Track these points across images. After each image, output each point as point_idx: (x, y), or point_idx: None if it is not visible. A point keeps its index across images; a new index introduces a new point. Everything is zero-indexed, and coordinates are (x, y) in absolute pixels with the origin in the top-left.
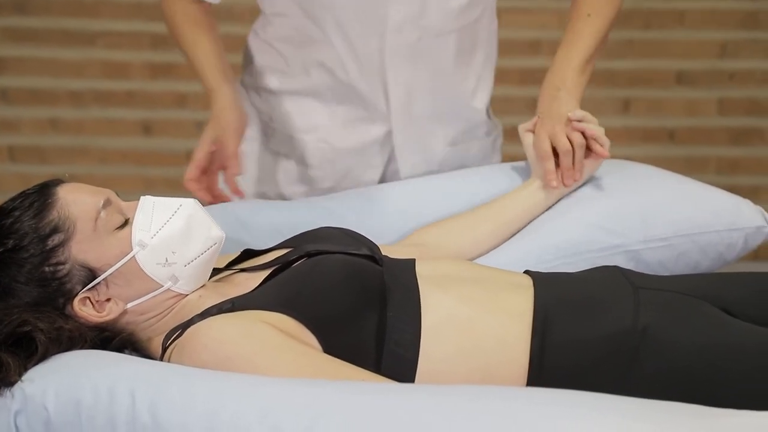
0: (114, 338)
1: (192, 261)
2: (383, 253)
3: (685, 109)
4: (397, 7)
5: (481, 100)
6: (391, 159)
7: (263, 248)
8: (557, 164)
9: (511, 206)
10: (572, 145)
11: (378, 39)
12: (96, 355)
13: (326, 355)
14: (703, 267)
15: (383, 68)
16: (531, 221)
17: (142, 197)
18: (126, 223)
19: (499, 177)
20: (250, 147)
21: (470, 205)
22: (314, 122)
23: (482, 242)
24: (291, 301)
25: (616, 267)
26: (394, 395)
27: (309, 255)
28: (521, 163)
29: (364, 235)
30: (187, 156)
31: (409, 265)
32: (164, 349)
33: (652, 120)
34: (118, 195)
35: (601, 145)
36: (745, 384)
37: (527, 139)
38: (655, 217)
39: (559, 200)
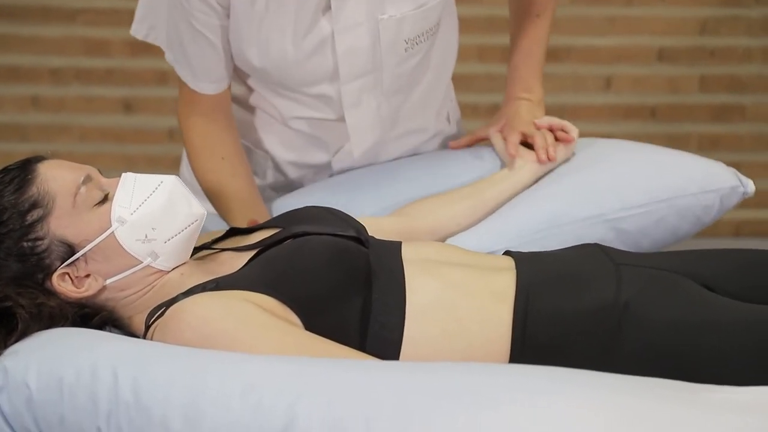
0: (94, 316)
1: (172, 238)
2: (371, 225)
3: (667, 86)
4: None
5: (441, 114)
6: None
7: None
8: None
9: (488, 186)
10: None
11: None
12: (78, 332)
13: (310, 333)
14: (683, 232)
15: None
16: (509, 200)
17: (123, 174)
18: (106, 199)
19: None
20: None
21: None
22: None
23: (460, 216)
24: (275, 281)
25: (596, 244)
26: (377, 372)
27: (295, 236)
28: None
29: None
30: (169, 133)
31: (395, 247)
32: (147, 327)
33: (633, 97)
34: (100, 173)
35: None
36: (727, 360)
37: (499, 143)
38: (629, 186)
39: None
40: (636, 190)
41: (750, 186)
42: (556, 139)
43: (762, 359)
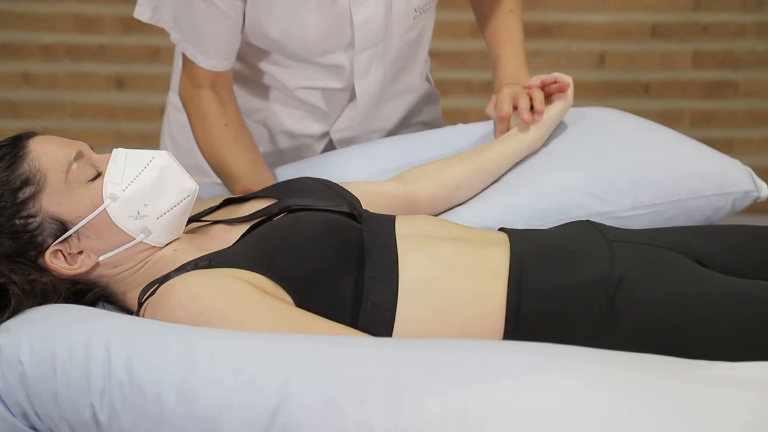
0: (87, 292)
1: (165, 213)
2: (369, 189)
3: (660, 63)
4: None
5: (422, 74)
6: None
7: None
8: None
9: (488, 148)
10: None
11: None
12: (71, 309)
13: (301, 310)
14: None
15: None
16: (511, 165)
17: (114, 150)
18: (98, 175)
19: None
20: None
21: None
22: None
23: (459, 178)
24: (267, 259)
25: (588, 221)
26: (370, 349)
27: (289, 210)
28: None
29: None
30: (161, 110)
31: (389, 222)
32: (140, 305)
33: (626, 73)
34: (92, 149)
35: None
36: (719, 336)
37: (492, 115)
38: (644, 183)
39: (540, 148)
40: (650, 189)
41: (764, 190)
42: (550, 93)
43: (754, 335)
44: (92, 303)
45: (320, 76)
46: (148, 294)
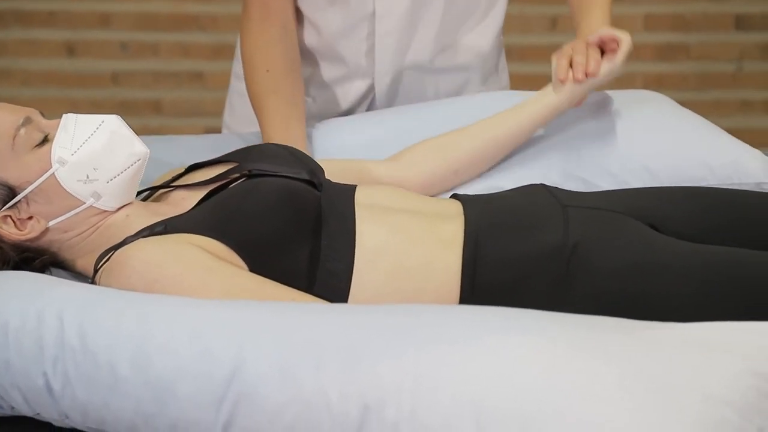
0: (35, 259)
1: (115, 177)
2: (365, 171)
3: (612, 26)
4: None
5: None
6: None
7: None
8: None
9: (500, 122)
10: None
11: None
12: (23, 276)
13: (256, 276)
14: None
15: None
16: (531, 134)
17: (64, 115)
18: (46, 140)
19: None
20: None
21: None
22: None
23: (458, 163)
24: (222, 225)
25: (542, 185)
26: (325, 314)
27: (249, 176)
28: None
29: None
30: (113, 77)
31: (349, 191)
32: (95, 271)
33: None
34: (42, 115)
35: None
36: (673, 302)
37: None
38: (657, 168)
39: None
40: (662, 175)
41: None
42: (605, 52)
43: (707, 301)
44: (41, 270)
45: None
46: (103, 261)
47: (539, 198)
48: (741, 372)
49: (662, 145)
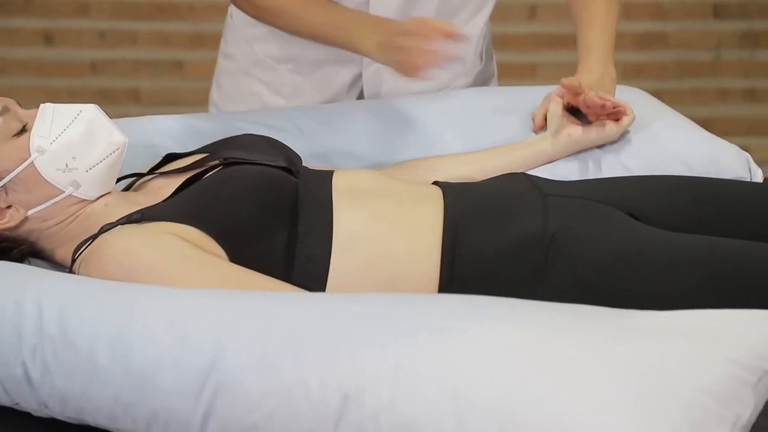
0: (13, 249)
1: (94, 166)
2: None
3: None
4: None
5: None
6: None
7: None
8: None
9: (499, 154)
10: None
11: None
12: (1, 267)
13: (234, 265)
14: None
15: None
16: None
17: (42, 105)
18: (24, 129)
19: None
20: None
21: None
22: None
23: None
24: (199, 212)
25: (523, 174)
26: (304, 303)
27: (225, 163)
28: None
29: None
30: (91, 66)
31: (326, 177)
32: (73, 261)
33: (558, 26)
34: (19, 105)
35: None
36: (652, 293)
37: (553, 105)
38: (637, 167)
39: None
40: (639, 172)
41: (759, 175)
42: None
43: (686, 290)
44: (19, 259)
45: None
46: (81, 250)
47: (519, 186)
48: (719, 360)
49: (639, 142)
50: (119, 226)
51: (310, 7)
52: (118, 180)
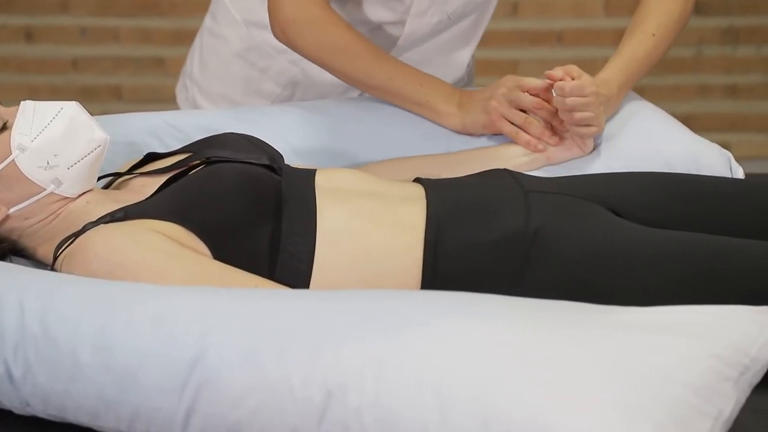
0: None
1: (75, 164)
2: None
3: (573, 11)
4: None
5: (467, 53)
6: None
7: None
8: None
9: (463, 161)
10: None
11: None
12: None
13: (218, 262)
14: None
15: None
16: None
17: (22, 102)
18: (5, 127)
19: None
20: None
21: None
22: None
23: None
24: (182, 209)
25: (505, 170)
26: (287, 301)
27: (208, 162)
28: None
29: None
30: (73, 63)
31: (309, 175)
32: (55, 258)
33: (539, 22)
34: (0, 103)
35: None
36: (635, 289)
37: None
38: (617, 165)
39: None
40: (619, 170)
41: (740, 173)
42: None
43: (668, 285)
44: (0, 258)
45: (377, 6)
46: (63, 247)
47: (501, 182)
48: (700, 355)
49: (621, 139)
50: (102, 224)
51: (384, 58)
52: (99, 179)
